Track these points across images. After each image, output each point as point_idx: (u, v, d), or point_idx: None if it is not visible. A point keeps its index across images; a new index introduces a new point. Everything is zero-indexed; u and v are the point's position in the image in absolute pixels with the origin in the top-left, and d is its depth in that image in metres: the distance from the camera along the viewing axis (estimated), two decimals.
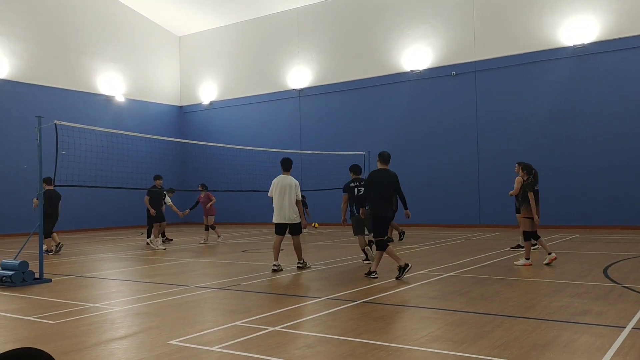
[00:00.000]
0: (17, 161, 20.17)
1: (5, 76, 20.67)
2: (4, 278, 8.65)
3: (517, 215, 11.74)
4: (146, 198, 15.08)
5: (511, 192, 11.48)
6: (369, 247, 10.23)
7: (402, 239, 14.56)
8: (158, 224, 14.90)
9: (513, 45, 18.91)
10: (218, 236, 16.16)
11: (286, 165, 10.20)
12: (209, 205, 16.01)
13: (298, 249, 10.14)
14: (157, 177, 15.21)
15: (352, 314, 6.18)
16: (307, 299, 7.22)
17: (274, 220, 10.04)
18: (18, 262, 8.78)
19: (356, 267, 10.21)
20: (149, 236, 15.54)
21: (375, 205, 8.82)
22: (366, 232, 10.43)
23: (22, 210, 19.12)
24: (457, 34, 20.06)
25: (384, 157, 9.17)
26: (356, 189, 10.65)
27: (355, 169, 10.91)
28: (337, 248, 13.60)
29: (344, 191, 10.98)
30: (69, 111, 20.90)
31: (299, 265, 10.13)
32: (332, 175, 14.97)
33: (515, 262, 10.01)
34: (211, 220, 16.00)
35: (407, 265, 8.49)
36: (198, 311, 6.74)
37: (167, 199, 16.13)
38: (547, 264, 9.72)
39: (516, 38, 18.87)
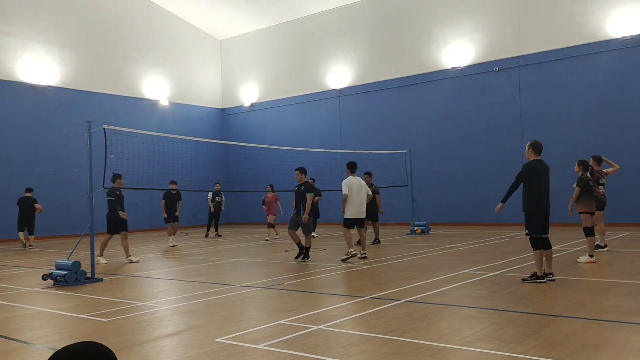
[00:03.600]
0: (68, 165, 20.92)
1: (56, 83, 21.48)
2: (58, 277, 9.02)
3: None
4: (162, 202, 16.30)
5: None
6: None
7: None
8: (172, 224, 16.13)
9: (558, 38, 18.38)
10: (277, 234, 17.57)
11: (355, 167, 11.40)
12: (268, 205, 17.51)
13: (365, 240, 11.52)
14: (172, 182, 16.25)
15: (396, 313, 6.16)
16: (350, 298, 7.24)
17: (353, 216, 11.08)
18: (71, 262, 9.14)
19: (398, 265, 10.17)
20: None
21: (540, 200, 7.82)
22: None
23: (73, 212, 19.87)
24: (499, 29, 19.65)
25: (539, 147, 7.99)
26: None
27: (370, 174, 14.38)
28: (377, 247, 13.54)
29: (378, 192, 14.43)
30: (116, 116, 21.53)
31: (365, 255, 11.09)
32: (373, 174, 15.05)
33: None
34: (271, 219, 17.36)
35: (546, 275, 7.75)
36: (243, 310, 6.85)
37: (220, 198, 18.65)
38: (580, 262, 9.49)
39: (561, 31, 18.33)
